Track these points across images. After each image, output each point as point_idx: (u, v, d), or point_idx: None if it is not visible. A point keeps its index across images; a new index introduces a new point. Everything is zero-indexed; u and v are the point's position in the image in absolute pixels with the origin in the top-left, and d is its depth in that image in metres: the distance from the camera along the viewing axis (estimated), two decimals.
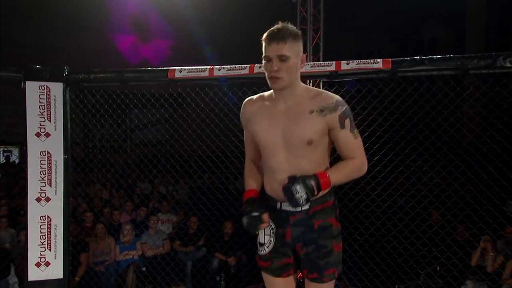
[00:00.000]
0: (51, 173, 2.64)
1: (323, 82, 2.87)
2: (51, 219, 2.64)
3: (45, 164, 2.63)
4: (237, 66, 2.59)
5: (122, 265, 4.75)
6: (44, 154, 2.63)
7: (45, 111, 2.63)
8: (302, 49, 1.69)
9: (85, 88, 3.14)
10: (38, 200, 2.62)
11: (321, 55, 7.14)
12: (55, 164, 2.65)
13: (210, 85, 2.85)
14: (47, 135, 2.64)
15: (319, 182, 1.61)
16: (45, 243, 2.64)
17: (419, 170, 3.45)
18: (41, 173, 2.62)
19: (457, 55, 2.30)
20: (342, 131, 1.69)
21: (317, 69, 2.49)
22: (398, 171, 3.30)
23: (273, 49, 1.62)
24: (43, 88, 2.63)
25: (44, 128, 2.63)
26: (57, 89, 2.65)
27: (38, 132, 2.62)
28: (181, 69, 2.64)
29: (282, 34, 1.61)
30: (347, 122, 1.69)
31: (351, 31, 14.79)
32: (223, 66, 2.61)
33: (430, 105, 3.37)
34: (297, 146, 1.69)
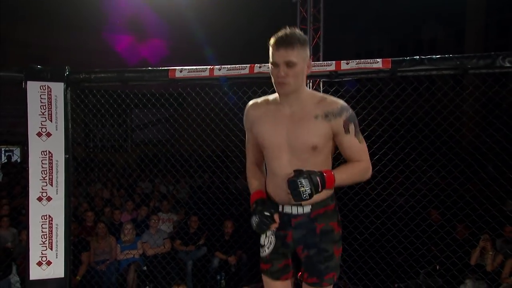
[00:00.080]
0: (52, 173, 2.65)
1: (323, 81, 2.88)
2: (52, 218, 2.65)
3: (46, 163, 2.64)
4: (237, 66, 2.60)
5: (123, 264, 4.77)
6: (45, 153, 2.64)
7: (46, 111, 2.64)
8: (309, 54, 1.69)
9: (86, 88, 3.15)
10: (39, 199, 2.63)
11: (321, 55, 7.16)
12: (56, 163, 2.66)
13: (210, 85, 2.85)
14: (48, 134, 2.65)
15: (324, 179, 1.61)
16: (47, 242, 2.65)
17: (418, 169, 3.46)
18: (42, 172, 2.63)
19: (456, 55, 2.31)
20: (346, 136, 1.69)
21: (317, 68, 2.49)
22: (397, 171, 3.31)
23: (281, 55, 1.61)
24: (44, 88, 2.64)
25: (45, 128, 2.64)
26: (58, 89, 2.66)
27: (39, 131, 2.63)
28: (182, 69, 2.64)
29: (290, 40, 1.60)
30: (352, 127, 1.69)
31: (351, 31, 14.78)
32: (223, 66, 2.61)
33: (429, 104, 3.38)
34: (301, 150, 1.69)
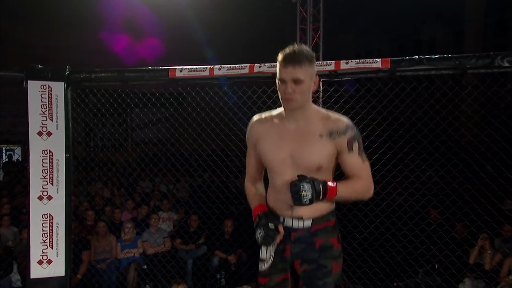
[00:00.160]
0: (53, 172, 2.65)
1: (323, 81, 2.88)
2: (53, 217, 2.65)
3: (47, 162, 2.64)
4: (237, 65, 2.59)
5: (123, 263, 4.78)
6: (46, 152, 2.64)
7: (46, 110, 2.64)
8: (315, 71, 1.69)
9: (86, 87, 3.15)
10: (40, 198, 2.63)
11: (320, 55, 7.18)
12: (57, 162, 2.66)
13: (210, 84, 2.85)
14: (49, 134, 2.65)
15: (326, 188, 1.61)
16: (47, 241, 2.65)
17: (417, 168, 3.47)
18: (43, 171, 2.63)
19: (455, 55, 2.30)
20: (350, 155, 1.70)
21: (316, 68, 2.49)
22: (396, 170, 3.32)
23: (289, 72, 1.61)
24: (44, 87, 2.64)
25: (45, 127, 2.64)
26: (58, 88, 2.66)
27: (40, 131, 2.63)
28: (182, 68, 2.64)
29: (298, 57, 1.60)
30: (356, 145, 1.69)
31: (350, 31, 14.79)
32: (223, 65, 2.61)
33: (428, 104, 3.38)
34: (305, 168, 1.69)
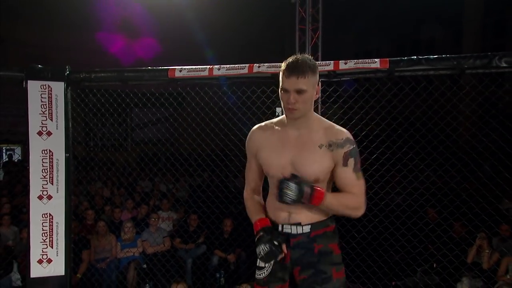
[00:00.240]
0: (52, 171, 2.65)
1: (322, 81, 2.90)
2: (53, 216, 2.66)
3: (46, 162, 2.65)
4: (237, 65, 2.60)
5: (123, 262, 4.78)
6: (45, 152, 2.65)
7: (46, 110, 2.64)
8: (318, 79, 1.70)
9: (86, 87, 3.16)
10: (40, 198, 2.64)
11: (319, 55, 7.19)
12: (57, 162, 2.66)
13: (209, 84, 2.86)
14: (49, 133, 2.66)
15: (313, 194, 1.63)
16: (47, 240, 2.66)
17: (416, 168, 3.48)
18: (43, 171, 2.64)
19: (453, 55, 2.31)
20: (343, 169, 1.70)
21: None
22: (395, 169, 3.33)
23: (292, 82, 1.61)
24: (44, 87, 2.64)
25: (45, 126, 2.65)
26: (58, 88, 2.67)
27: (40, 130, 2.63)
28: (181, 68, 2.65)
29: (301, 68, 1.61)
30: (351, 161, 1.69)
31: (349, 31, 14.78)
32: (222, 65, 2.62)
33: (427, 104, 3.39)
34: (304, 177, 1.68)
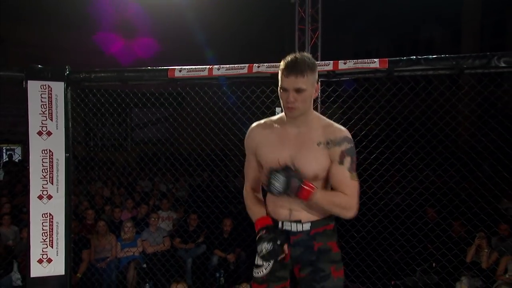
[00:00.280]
0: (52, 171, 2.66)
1: (321, 81, 2.90)
2: (53, 216, 2.66)
3: (46, 162, 2.65)
4: (236, 65, 2.59)
5: (123, 262, 4.79)
6: (45, 152, 2.65)
7: (46, 110, 2.65)
8: (317, 78, 1.70)
9: (86, 87, 3.17)
10: (40, 197, 2.64)
11: (319, 55, 7.19)
12: (57, 162, 2.66)
13: (209, 84, 2.87)
14: (49, 133, 2.66)
15: (301, 189, 1.62)
16: (47, 240, 2.66)
17: (415, 168, 3.49)
18: (43, 171, 2.64)
19: (452, 55, 2.31)
20: (338, 167, 1.69)
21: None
22: (394, 169, 3.34)
23: (291, 81, 1.62)
24: (44, 87, 2.64)
25: (45, 126, 2.65)
26: (58, 88, 2.67)
27: (39, 130, 2.64)
28: (181, 68, 2.65)
29: (300, 67, 1.61)
30: (347, 160, 1.68)
31: (349, 31, 14.79)
32: (222, 65, 2.62)
33: (426, 104, 3.40)
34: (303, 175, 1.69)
